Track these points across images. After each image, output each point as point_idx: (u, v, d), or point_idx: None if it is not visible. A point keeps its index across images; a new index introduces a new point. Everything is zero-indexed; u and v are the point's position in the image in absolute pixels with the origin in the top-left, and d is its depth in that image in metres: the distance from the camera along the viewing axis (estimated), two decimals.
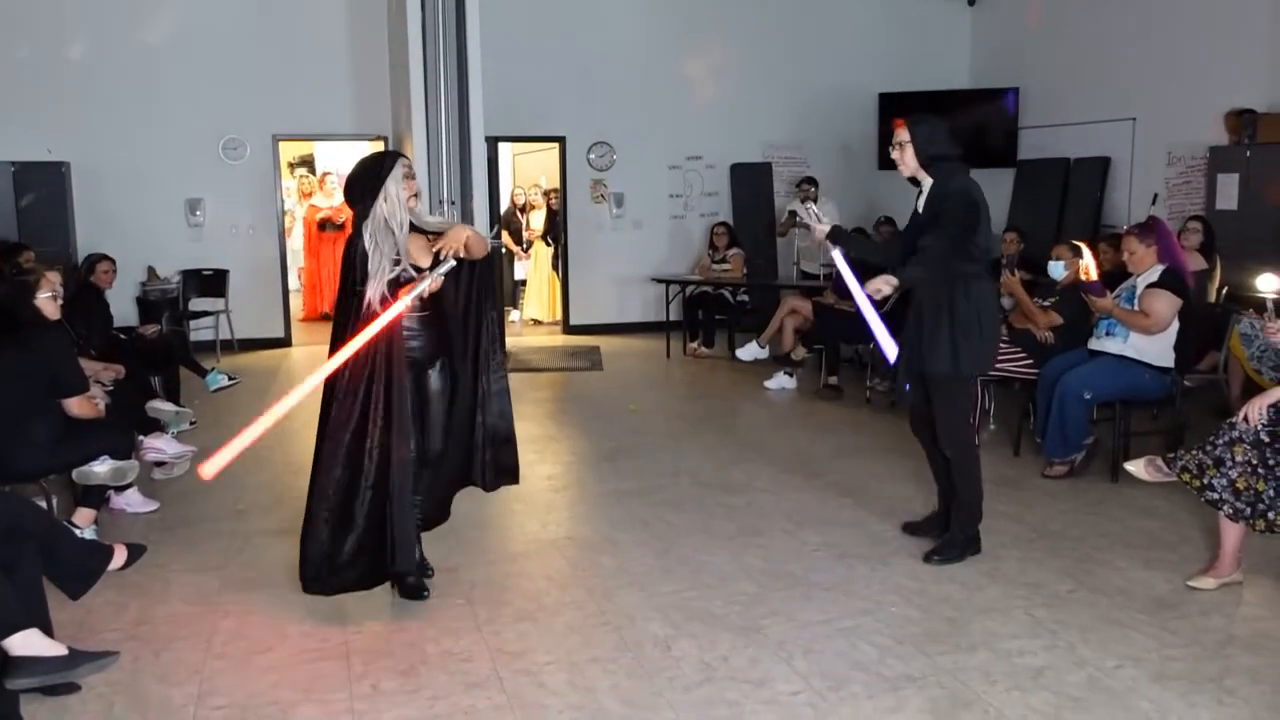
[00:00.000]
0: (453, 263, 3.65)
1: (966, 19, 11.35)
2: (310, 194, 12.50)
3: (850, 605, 3.88)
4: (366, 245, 3.66)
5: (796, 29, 10.83)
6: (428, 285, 3.62)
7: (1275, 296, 4.12)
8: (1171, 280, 5.25)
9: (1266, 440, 3.78)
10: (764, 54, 10.78)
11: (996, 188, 10.75)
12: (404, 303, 3.57)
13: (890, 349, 4.15)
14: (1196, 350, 6.12)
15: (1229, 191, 8.03)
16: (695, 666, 3.40)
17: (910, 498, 5.18)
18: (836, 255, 4.34)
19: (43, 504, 4.13)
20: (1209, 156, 8.29)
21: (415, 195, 3.80)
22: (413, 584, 3.92)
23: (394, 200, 3.69)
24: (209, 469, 3.27)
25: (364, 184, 3.73)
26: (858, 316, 7.46)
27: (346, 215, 11.91)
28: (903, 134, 4.19)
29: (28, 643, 2.80)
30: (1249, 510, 3.80)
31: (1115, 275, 5.98)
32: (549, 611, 3.87)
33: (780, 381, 7.90)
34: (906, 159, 4.20)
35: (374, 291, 3.62)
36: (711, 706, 3.14)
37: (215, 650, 3.56)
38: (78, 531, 4.33)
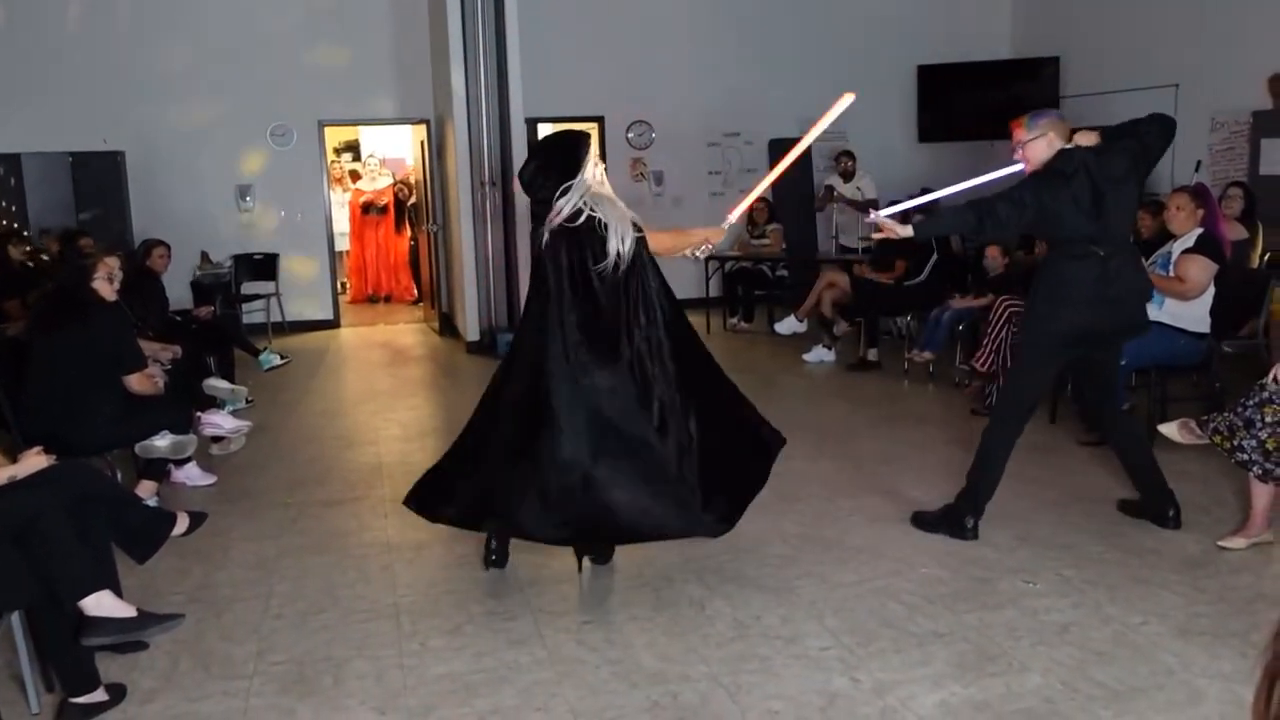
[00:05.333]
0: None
1: None
2: (340, 179, 12.60)
3: (881, 567, 3.98)
4: (582, 208, 3.57)
5: (831, 2, 10.81)
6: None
7: None
8: (1207, 245, 5.24)
9: None
10: (800, 27, 10.79)
11: None
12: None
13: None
14: (1236, 317, 6.09)
15: (1273, 156, 7.95)
16: (729, 624, 3.52)
17: (945, 463, 5.25)
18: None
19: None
20: (1252, 121, 8.19)
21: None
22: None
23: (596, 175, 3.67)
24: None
25: (563, 162, 3.64)
26: (895, 288, 7.61)
27: (388, 199, 12.11)
28: (1022, 134, 4.06)
29: (100, 603, 2.98)
30: (1278, 470, 3.84)
31: (1151, 242, 5.97)
32: (589, 574, 4.01)
33: (819, 354, 7.97)
34: (1031, 156, 4.05)
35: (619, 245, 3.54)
36: (743, 661, 3.26)
37: (273, 611, 3.75)
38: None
